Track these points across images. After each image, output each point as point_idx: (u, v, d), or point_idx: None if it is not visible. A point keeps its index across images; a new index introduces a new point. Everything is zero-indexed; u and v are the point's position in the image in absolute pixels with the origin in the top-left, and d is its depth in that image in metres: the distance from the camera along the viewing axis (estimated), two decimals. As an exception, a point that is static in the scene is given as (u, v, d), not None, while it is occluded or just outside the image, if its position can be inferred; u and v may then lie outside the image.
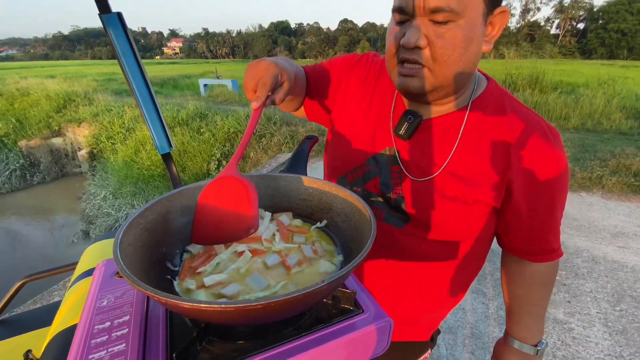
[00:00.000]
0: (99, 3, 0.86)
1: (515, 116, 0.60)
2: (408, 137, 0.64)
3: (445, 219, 0.63)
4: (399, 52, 0.56)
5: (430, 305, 0.76)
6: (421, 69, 0.55)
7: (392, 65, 0.59)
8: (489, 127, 0.60)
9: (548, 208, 0.61)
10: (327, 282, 0.32)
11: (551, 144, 0.58)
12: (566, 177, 0.60)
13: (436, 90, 0.58)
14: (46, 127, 9.50)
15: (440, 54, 0.52)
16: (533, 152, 0.58)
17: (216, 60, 61.87)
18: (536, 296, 0.70)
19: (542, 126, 0.60)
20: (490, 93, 0.63)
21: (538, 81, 8.45)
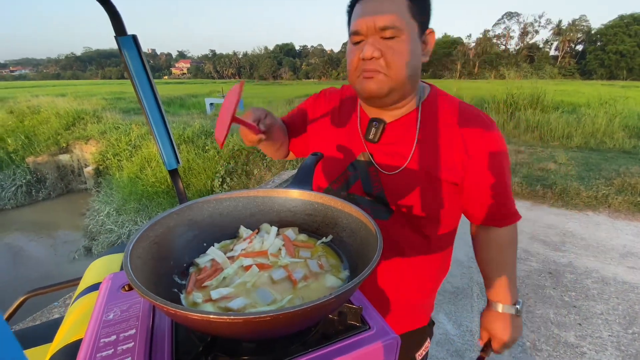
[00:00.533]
0: (115, 26, 0.91)
1: (459, 110, 0.75)
2: (377, 140, 0.77)
3: (421, 201, 0.74)
4: (359, 65, 0.70)
5: (424, 288, 0.85)
6: (379, 74, 0.68)
7: (355, 77, 0.72)
8: (440, 121, 0.74)
9: (500, 177, 0.74)
10: (335, 296, 0.32)
11: (491, 128, 0.73)
12: (507, 152, 0.76)
13: (392, 93, 0.70)
14: (54, 144, 9.67)
15: (392, 61, 0.66)
16: (479, 136, 0.72)
17: (222, 81, 63.39)
18: (506, 258, 0.82)
19: (481, 116, 0.75)
20: (434, 96, 0.78)
21: (539, 101, 8.54)
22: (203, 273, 0.49)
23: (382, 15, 0.64)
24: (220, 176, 6.53)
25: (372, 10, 0.65)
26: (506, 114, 8.42)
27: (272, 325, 0.31)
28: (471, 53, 64.05)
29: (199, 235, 0.57)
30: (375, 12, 0.65)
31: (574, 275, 2.66)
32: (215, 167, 6.78)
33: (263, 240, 0.56)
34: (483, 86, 15.68)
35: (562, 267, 2.79)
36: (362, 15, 0.66)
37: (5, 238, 7.17)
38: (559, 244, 3.14)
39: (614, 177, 4.45)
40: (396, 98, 0.73)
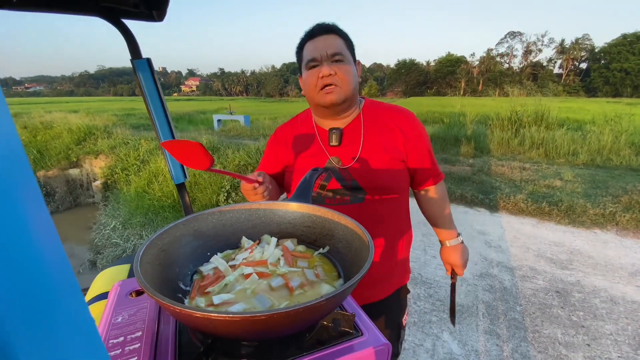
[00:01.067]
0: (131, 50, 0.97)
1: (387, 109, 1.04)
2: (339, 144, 0.99)
3: (383, 178, 0.97)
4: (319, 83, 0.91)
5: (401, 250, 1.07)
6: (336, 87, 0.91)
7: (316, 92, 0.93)
8: (378, 119, 1.01)
9: (427, 149, 1.04)
10: (325, 299, 0.35)
11: (413, 116, 1.04)
12: (425, 130, 1.04)
13: (346, 101, 0.94)
14: (65, 158, 9.90)
15: (343, 77, 0.91)
16: (409, 123, 1.01)
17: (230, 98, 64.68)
18: (444, 207, 1.11)
19: (404, 110, 1.05)
20: (369, 103, 1.06)
21: (543, 118, 8.58)
22: (206, 280, 0.52)
23: (331, 47, 0.91)
24: (226, 191, 6.59)
25: (323, 44, 0.91)
26: (510, 130, 8.46)
27: (267, 324, 0.34)
28: (475, 71, 64.83)
29: (204, 245, 0.60)
30: (325, 45, 0.91)
31: (581, 294, 2.61)
32: (221, 182, 6.86)
33: (263, 251, 0.59)
34: (487, 103, 15.80)
35: (569, 285, 2.74)
36: (316, 48, 0.91)
37: (13, 251, 7.25)
38: (566, 262, 3.10)
39: (621, 194, 4.40)
40: (346, 106, 0.97)
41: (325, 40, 0.91)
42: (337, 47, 0.91)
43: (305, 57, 0.94)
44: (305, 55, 0.94)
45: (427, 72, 73.86)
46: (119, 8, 0.89)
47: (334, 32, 0.93)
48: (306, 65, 0.94)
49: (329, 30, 0.93)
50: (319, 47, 0.91)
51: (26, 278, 0.13)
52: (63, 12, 0.84)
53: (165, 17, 0.94)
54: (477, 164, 6.60)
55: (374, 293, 1.06)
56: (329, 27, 0.94)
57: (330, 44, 0.91)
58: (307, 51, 0.93)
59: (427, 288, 2.86)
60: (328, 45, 0.91)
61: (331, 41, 0.91)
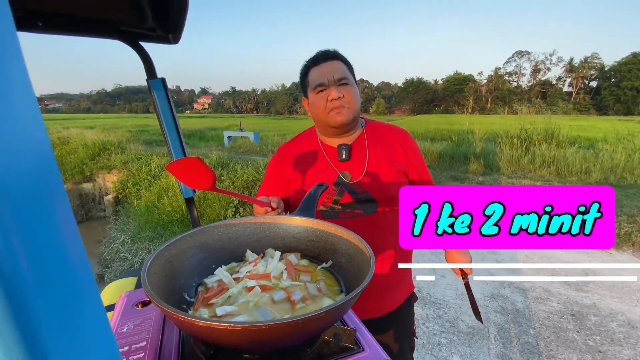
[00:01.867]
0: (147, 70, 1.03)
1: (386, 127, 1.13)
2: (348, 159, 1.05)
3: (393, 189, 1.01)
4: (328, 105, 0.98)
5: (407, 260, 1.12)
6: (344, 109, 0.98)
7: (325, 114, 1.00)
8: (379, 135, 1.09)
9: (422, 162, 1.12)
10: (325, 311, 0.36)
11: (406, 132, 1.12)
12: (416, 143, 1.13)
13: (352, 121, 1.01)
14: (79, 172, 10.16)
15: (349, 100, 0.98)
16: (406, 139, 1.10)
17: (241, 115, 66.03)
18: None
19: (397, 127, 1.14)
20: (369, 122, 1.13)
21: (554, 136, 8.50)
22: (210, 292, 0.53)
23: (337, 72, 0.98)
24: (234, 206, 6.63)
25: (329, 70, 0.98)
26: (520, 148, 8.38)
27: (267, 335, 0.34)
28: (483, 89, 65.10)
29: (209, 257, 0.61)
30: (331, 70, 0.98)
31: (598, 318, 2.51)
32: (229, 198, 6.92)
33: (267, 264, 0.60)
34: (496, 121, 15.77)
35: (585, 308, 2.63)
36: (323, 73, 0.98)
37: (24, 263, 7.36)
38: (581, 284, 2.99)
39: (636, 214, 4.28)
40: (354, 125, 1.04)
41: (331, 66, 0.99)
42: (342, 71, 0.99)
43: (312, 82, 1.00)
44: (311, 80, 1.01)
45: (434, 91, 74.49)
46: (137, 32, 0.95)
47: (337, 58, 1.01)
48: (314, 90, 1.00)
49: (332, 56, 1.01)
50: (325, 72, 0.98)
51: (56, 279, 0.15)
52: (85, 36, 0.90)
53: (180, 40, 1.00)
54: (486, 181, 6.53)
55: (387, 303, 1.09)
56: (332, 54, 1.02)
57: (336, 69, 0.98)
58: (314, 76, 1.00)
59: (437, 309, 2.78)
60: (334, 70, 0.98)
61: (336, 66, 0.99)
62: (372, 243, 1.03)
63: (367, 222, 1.03)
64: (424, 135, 13.73)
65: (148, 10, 0.83)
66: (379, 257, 1.06)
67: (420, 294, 3.04)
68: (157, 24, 0.91)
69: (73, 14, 0.84)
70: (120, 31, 0.94)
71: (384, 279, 1.07)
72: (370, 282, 0.96)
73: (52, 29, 0.85)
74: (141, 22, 0.89)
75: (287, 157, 1.13)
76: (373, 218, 1.03)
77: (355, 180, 1.03)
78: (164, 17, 0.85)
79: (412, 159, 1.08)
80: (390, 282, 1.09)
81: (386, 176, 1.03)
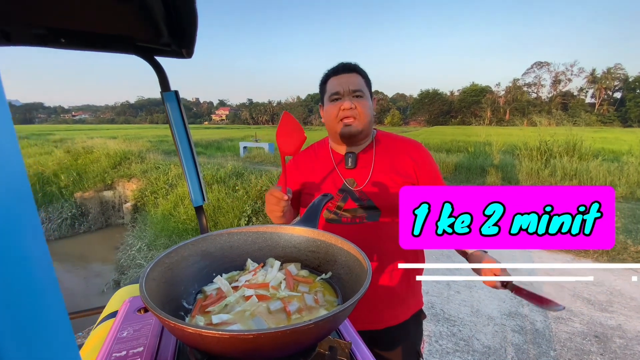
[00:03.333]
0: (161, 83, 1.07)
1: (397, 139, 1.13)
2: (354, 167, 1.07)
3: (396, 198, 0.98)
4: (340, 114, 1.02)
5: (413, 274, 1.09)
6: (355, 120, 1.01)
7: (336, 123, 1.04)
8: (388, 146, 1.10)
9: (436, 174, 1.10)
10: (314, 322, 0.35)
11: (420, 144, 1.13)
12: (432, 158, 1.12)
13: (361, 132, 1.04)
14: (101, 181, 10.52)
15: (361, 111, 1.01)
16: (418, 151, 1.10)
17: (257, 126, 67.24)
18: None
19: (412, 140, 1.14)
20: (380, 134, 1.15)
21: (575, 148, 8.22)
22: (208, 300, 0.54)
23: (353, 84, 1.02)
24: (247, 215, 6.69)
25: (346, 81, 1.02)
26: (540, 160, 8.14)
27: (255, 344, 0.34)
28: (501, 101, 64.01)
29: (210, 265, 0.62)
30: (348, 82, 1.02)
31: (623, 340, 2.35)
32: (242, 207, 6.99)
33: (266, 273, 0.61)
34: (514, 133, 15.42)
35: (609, 330, 2.48)
36: (340, 84, 1.02)
37: (46, 268, 7.62)
38: (605, 304, 2.83)
39: (668, 231, 4.05)
40: (363, 136, 1.07)
41: (348, 78, 1.03)
42: (358, 84, 1.03)
43: (329, 90, 1.05)
44: (328, 89, 1.05)
45: (450, 102, 73.79)
46: (153, 47, 1.00)
47: (355, 71, 1.05)
48: (329, 98, 1.05)
49: (351, 69, 1.05)
50: (342, 82, 1.02)
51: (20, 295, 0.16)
52: (104, 51, 0.96)
53: (193, 55, 1.04)
54: (504, 194, 6.36)
55: (392, 315, 1.08)
56: (351, 67, 1.06)
57: (352, 81, 1.02)
58: (331, 85, 1.05)
59: (451, 326, 2.69)
60: (350, 82, 1.02)
61: (353, 79, 1.03)
62: (374, 251, 1.06)
63: (369, 228, 1.04)
64: (439, 146, 13.56)
65: (163, 26, 0.87)
66: (381, 267, 1.05)
67: (433, 309, 2.95)
68: (172, 40, 0.95)
69: (93, 31, 0.89)
70: (136, 47, 0.99)
71: (387, 290, 1.06)
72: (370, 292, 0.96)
73: (73, 45, 0.90)
74: (156, 38, 0.94)
75: (300, 162, 1.19)
76: (375, 225, 1.04)
77: (359, 188, 1.06)
78: (178, 33, 0.89)
79: (423, 171, 1.08)
80: (395, 294, 1.07)
81: (391, 186, 1.04)
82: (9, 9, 0.77)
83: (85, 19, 0.84)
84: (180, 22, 0.79)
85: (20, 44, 0.88)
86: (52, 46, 0.89)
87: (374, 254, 1.04)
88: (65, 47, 0.90)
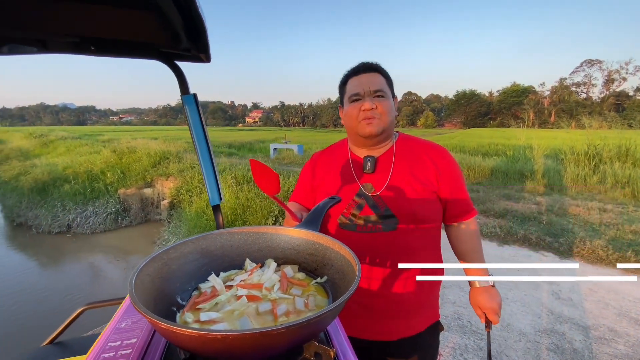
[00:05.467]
0: (181, 86, 1.12)
1: (420, 143, 1.09)
2: (373, 171, 1.03)
3: (415, 206, 0.99)
4: (360, 115, 0.98)
5: (430, 283, 1.06)
6: (375, 120, 0.98)
7: (357, 123, 1.00)
8: (410, 150, 1.05)
9: (460, 183, 1.06)
10: (285, 326, 0.35)
11: (445, 151, 1.07)
12: (458, 165, 1.06)
13: (382, 133, 1.00)
14: (142, 179, 11.23)
15: (382, 111, 0.98)
16: (442, 157, 1.04)
17: (288, 128, 68.40)
18: (475, 245, 1.09)
19: (436, 144, 1.09)
20: (402, 137, 1.10)
21: (629, 153, 7.49)
22: (202, 297, 0.55)
23: (374, 84, 0.98)
24: (274, 215, 6.82)
25: (367, 81, 0.99)
26: (588, 166, 7.51)
27: (224, 344, 0.34)
28: (545, 102, 59.91)
29: (210, 264, 0.64)
30: (369, 82, 0.99)
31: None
32: (270, 207, 7.13)
33: (262, 274, 0.61)
34: (559, 136, 14.35)
35: (663, 357, 2.22)
36: (360, 84, 0.99)
37: (90, 258, 8.26)
38: (658, 327, 2.54)
39: None
40: (384, 137, 1.03)
41: (369, 77, 0.99)
42: (379, 84, 0.99)
43: (349, 91, 1.02)
44: (348, 90, 1.02)
45: (489, 103, 70.29)
46: (174, 52, 1.05)
47: (377, 71, 1.01)
48: (349, 99, 1.02)
49: (372, 68, 1.01)
50: (363, 82, 0.99)
51: None
52: (129, 57, 1.02)
53: (211, 59, 1.08)
54: (545, 202, 5.93)
55: (405, 326, 1.04)
56: (372, 66, 1.02)
57: (373, 81, 0.99)
58: (351, 86, 1.01)
59: (477, 339, 2.55)
60: (371, 82, 0.98)
61: (374, 79, 0.99)
62: (389, 261, 1.01)
63: (385, 239, 0.99)
64: (475, 150, 12.93)
65: (181, 33, 0.91)
66: (395, 277, 1.01)
67: (459, 320, 2.81)
68: (190, 45, 0.99)
69: (119, 38, 0.95)
70: (159, 52, 1.04)
71: (400, 301, 1.02)
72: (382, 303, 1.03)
73: (102, 52, 0.97)
74: (176, 44, 0.99)
75: (318, 164, 1.16)
76: (392, 235, 0.99)
77: (377, 193, 1.01)
78: (195, 39, 0.93)
79: (445, 179, 1.02)
80: (409, 304, 1.03)
81: (409, 192, 1.00)
82: (46, 19, 0.85)
83: (112, 27, 0.90)
84: (193, 28, 0.83)
85: (55, 51, 0.97)
86: (84, 53, 0.97)
87: (388, 264, 1.01)
88: (95, 54, 0.97)
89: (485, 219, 5.21)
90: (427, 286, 1.06)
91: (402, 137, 1.10)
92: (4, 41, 0.92)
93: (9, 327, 4.74)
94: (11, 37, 0.92)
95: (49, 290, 6.22)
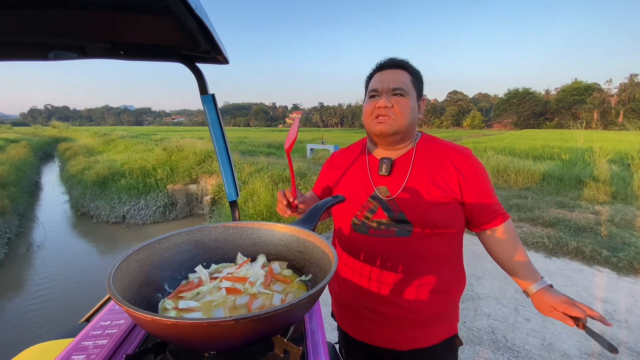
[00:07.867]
0: (200, 86, 1.18)
1: (444, 146, 1.00)
2: (388, 174, 0.98)
3: (431, 212, 0.93)
4: (374, 112, 0.94)
5: (448, 295, 0.99)
6: (389, 119, 0.93)
7: (370, 120, 0.96)
8: (431, 154, 0.98)
9: (487, 187, 0.97)
10: (234, 319, 0.35)
11: (469, 154, 0.98)
12: (484, 168, 0.98)
13: (397, 133, 0.94)
14: (188, 175, 12.00)
15: (399, 111, 0.92)
16: (466, 162, 0.96)
17: (326, 129, 68.76)
18: (517, 249, 0.98)
19: (461, 148, 0.99)
20: (424, 139, 1.03)
21: None
22: (187, 286, 0.57)
23: (395, 81, 0.93)
24: (307, 215, 6.89)
25: (388, 78, 0.94)
26: (660, 173, 6.60)
27: (176, 330, 0.35)
28: (612, 101, 53.74)
29: (203, 255, 0.66)
30: (390, 79, 0.93)
31: None
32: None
33: (250, 269, 0.62)
34: (625, 138, 12.80)
35: None
36: (381, 80, 0.95)
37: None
38: None
39: None
40: (398, 138, 0.97)
41: (392, 74, 0.94)
42: (401, 82, 0.93)
43: (370, 87, 0.98)
44: (370, 85, 0.99)
45: (545, 102, 64.70)
46: (195, 55, 1.11)
47: (402, 68, 0.96)
48: (368, 94, 0.99)
49: (397, 65, 0.96)
50: (384, 79, 0.94)
51: None
52: (154, 60, 1.10)
53: (229, 61, 1.12)
54: (605, 211, 5.32)
55: (416, 336, 0.99)
56: (398, 62, 0.97)
57: (395, 79, 0.93)
58: (373, 81, 0.97)
59: (513, 357, 2.36)
60: (393, 79, 0.93)
61: (397, 76, 0.94)
62: (402, 267, 0.98)
63: (398, 244, 0.95)
64: (525, 152, 11.94)
65: (200, 37, 0.96)
66: (407, 284, 0.97)
67: (493, 335, 2.62)
68: (209, 48, 1.04)
69: (146, 43, 1.03)
70: (181, 55, 1.11)
71: (412, 307, 0.96)
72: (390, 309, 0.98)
73: (130, 56, 1.06)
74: (195, 47, 1.04)
75: (335, 164, 1.14)
76: (406, 241, 0.94)
77: (392, 197, 0.96)
78: (209, 41, 0.98)
79: (469, 183, 0.94)
80: (421, 314, 0.97)
81: (426, 197, 0.93)
82: (84, 27, 0.95)
83: (138, 33, 0.98)
84: (203, 32, 0.87)
85: (92, 56, 1.07)
86: (115, 58, 1.06)
87: (400, 271, 0.96)
88: (124, 58, 1.06)
89: (531, 227, 4.81)
90: (443, 296, 0.98)
91: (424, 139, 1.03)
92: (51, 48, 1.04)
93: (71, 303, 5.33)
94: (56, 44, 1.03)
95: (103, 273, 6.88)
